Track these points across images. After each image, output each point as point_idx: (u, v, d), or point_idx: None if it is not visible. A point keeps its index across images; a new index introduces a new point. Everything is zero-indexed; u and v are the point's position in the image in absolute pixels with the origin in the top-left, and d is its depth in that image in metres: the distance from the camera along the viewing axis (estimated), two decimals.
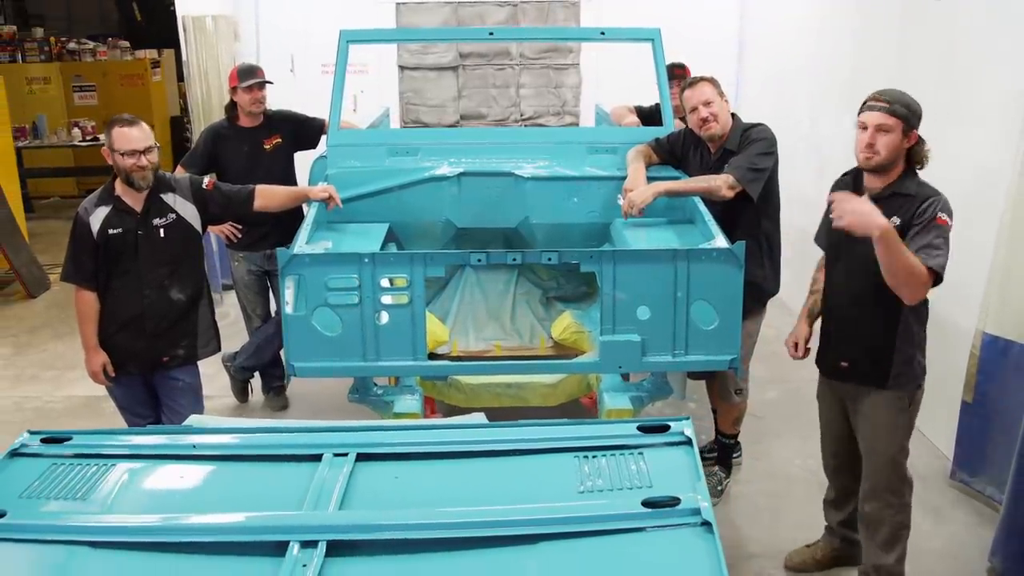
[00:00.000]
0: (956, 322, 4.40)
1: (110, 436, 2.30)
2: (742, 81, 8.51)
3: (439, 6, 8.58)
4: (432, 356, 4.10)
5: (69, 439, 2.24)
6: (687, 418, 2.22)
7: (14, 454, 2.19)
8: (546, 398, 4.08)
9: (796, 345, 3.52)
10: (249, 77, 4.90)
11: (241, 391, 5.47)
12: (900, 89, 3.09)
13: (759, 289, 4.00)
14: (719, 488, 4.29)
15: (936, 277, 2.95)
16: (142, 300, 3.68)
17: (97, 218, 3.63)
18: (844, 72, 5.87)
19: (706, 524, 1.78)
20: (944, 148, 4.49)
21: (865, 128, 3.03)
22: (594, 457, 2.08)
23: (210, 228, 5.22)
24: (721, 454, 4.37)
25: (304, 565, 1.74)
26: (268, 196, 3.97)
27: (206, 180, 3.91)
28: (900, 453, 3.25)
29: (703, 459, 4.44)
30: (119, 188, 3.65)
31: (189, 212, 3.75)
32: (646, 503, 1.84)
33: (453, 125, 8.66)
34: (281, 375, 5.37)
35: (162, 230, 3.67)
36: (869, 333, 3.19)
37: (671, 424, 2.19)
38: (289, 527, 1.84)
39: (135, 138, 3.54)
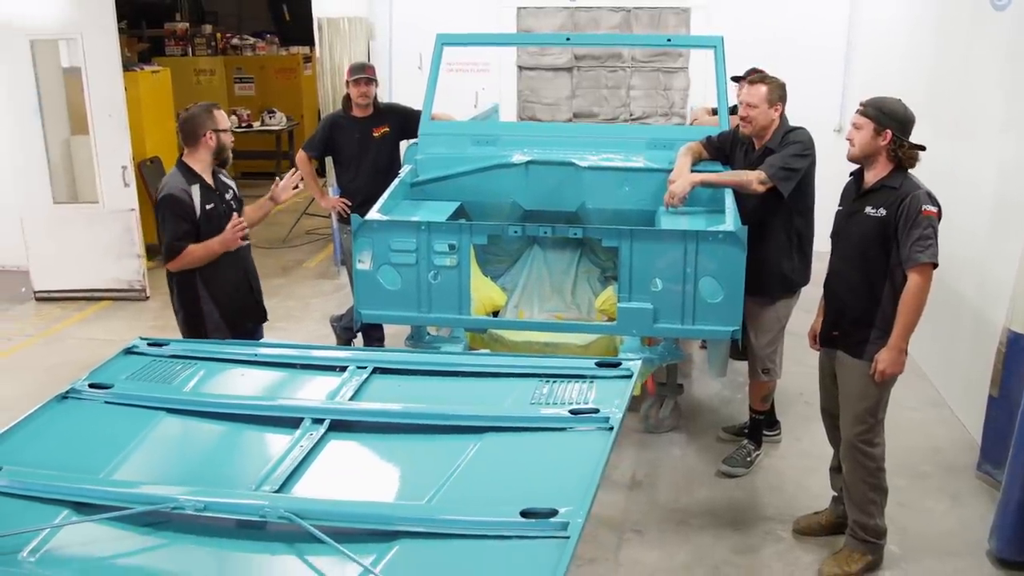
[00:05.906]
0: (989, 319, 4.61)
1: (197, 344, 3.02)
2: (848, 85, 8.66)
3: (557, 11, 9.14)
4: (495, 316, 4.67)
5: (167, 344, 2.97)
6: (639, 359, 2.71)
7: (127, 352, 2.93)
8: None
9: (814, 337, 3.91)
10: (356, 73, 5.57)
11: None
12: (895, 98, 3.49)
13: (787, 279, 4.36)
14: (748, 459, 4.64)
15: (932, 264, 3.39)
16: (244, 263, 4.21)
17: (196, 197, 4.02)
18: (922, 81, 6.05)
19: (611, 428, 2.28)
20: (999, 152, 4.71)
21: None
22: (554, 381, 2.61)
23: (323, 203, 6.01)
24: (752, 429, 4.72)
25: (311, 434, 2.37)
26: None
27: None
28: (867, 413, 3.59)
29: (740, 435, 4.82)
30: (197, 168, 4.07)
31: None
32: (572, 411, 2.36)
33: (567, 122, 9.18)
34: (380, 336, 6.04)
35: (233, 202, 4.21)
36: (853, 310, 3.60)
37: (623, 362, 2.68)
38: (305, 408, 2.49)
39: (226, 118, 4.18)
